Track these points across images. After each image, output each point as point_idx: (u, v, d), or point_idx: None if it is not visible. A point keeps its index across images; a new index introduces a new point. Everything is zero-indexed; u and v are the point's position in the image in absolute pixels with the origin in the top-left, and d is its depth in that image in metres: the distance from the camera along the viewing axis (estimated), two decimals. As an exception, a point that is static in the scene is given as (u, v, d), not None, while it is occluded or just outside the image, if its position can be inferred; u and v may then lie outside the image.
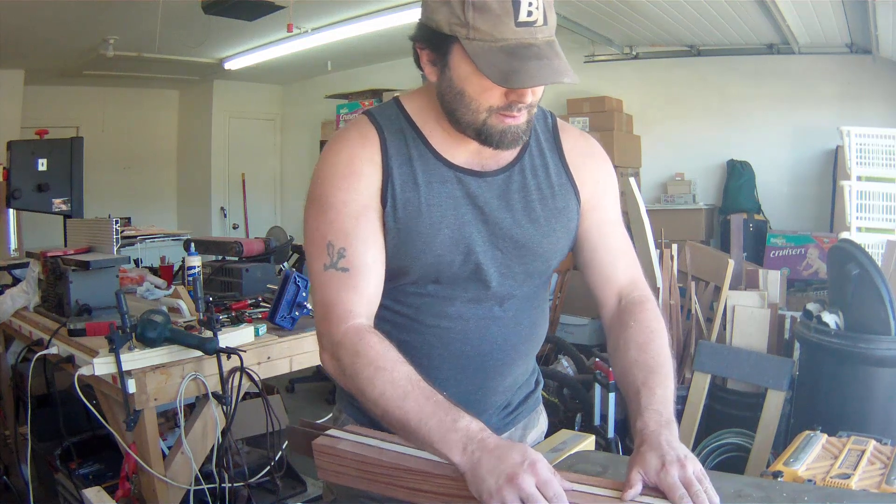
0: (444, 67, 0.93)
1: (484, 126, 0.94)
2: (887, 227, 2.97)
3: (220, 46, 5.47)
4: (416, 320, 1.03)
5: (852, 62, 4.37)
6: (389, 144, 1.00)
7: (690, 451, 0.85)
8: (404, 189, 0.98)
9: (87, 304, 2.06)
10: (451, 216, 0.99)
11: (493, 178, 1.03)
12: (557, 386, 3.33)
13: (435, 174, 1.00)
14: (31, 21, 4.34)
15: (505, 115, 0.93)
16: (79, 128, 6.16)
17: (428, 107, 1.02)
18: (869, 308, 2.27)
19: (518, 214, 1.03)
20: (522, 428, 1.18)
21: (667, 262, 3.11)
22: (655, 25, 4.40)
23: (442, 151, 1.01)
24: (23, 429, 2.49)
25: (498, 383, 1.08)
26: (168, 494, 1.77)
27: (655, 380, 0.93)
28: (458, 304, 1.02)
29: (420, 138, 1.01)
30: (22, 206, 3.51)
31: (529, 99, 0.92)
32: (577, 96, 5.03)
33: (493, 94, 0.91)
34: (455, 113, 0.95)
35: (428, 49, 0.95)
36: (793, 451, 1.67)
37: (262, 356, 1.92)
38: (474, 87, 0.91)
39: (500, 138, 0.95)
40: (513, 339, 1.06)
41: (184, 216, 7.43)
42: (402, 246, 0.98)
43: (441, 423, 0.83)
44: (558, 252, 1.07)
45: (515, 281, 1.04)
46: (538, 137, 1.08)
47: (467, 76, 0.91)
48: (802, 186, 4.60)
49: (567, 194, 1.07)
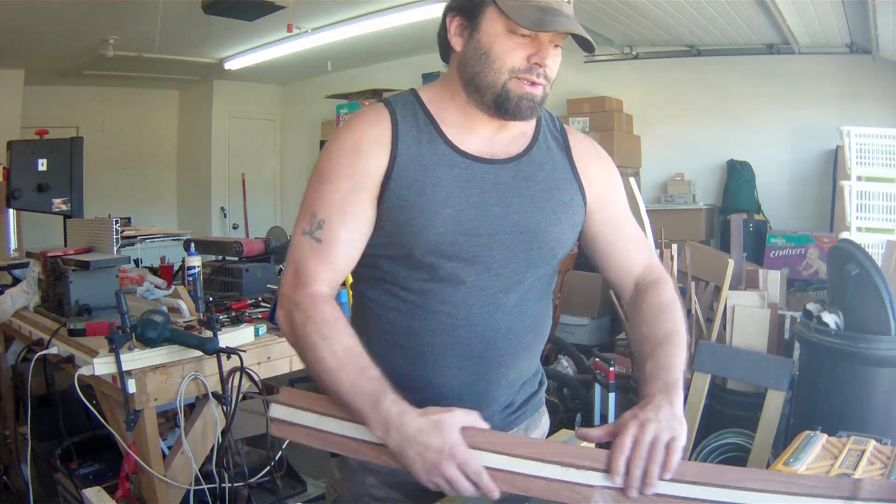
0: (473, 31, 1.00)
1: (504, 89, 0.99)
2: (887, 227, 2.97)
3: (220, 46, 5.47)
4: (422, 307, 1.04)
5: (852, 62, 4.37)
6: (401, 127, 1.03)
7: (690, 451, 0.86)
8: (410, 169, 1.01)
9: (87, 304, 2.06)
10: (457, 198, 1.01)
11: (502, 165, 1.05)
12: (557, 386, 3.33)
13: (444, 158, 1.03)
14: (31, 21, 4.34)
15: (524, 79, 0.98)
16: (79, 128, 6.16)
17: (443, 96, 1.07)
18: (869, 308, 2.27)
19: (525, 202, 1.05)
20: (525, 429, 1.17)
21: (667, 262, 3.11)
22: (655, 25, 4.40)
23: (453, 138, 1.05)
24: (23, 429, 2.49)
25: (501, 375, 1.08)
26: (168, 494, 1.77)
27: (662, 351, 1.00)
28: (463, 291, 1.03)
29: (432, 124, 1.05)
30: (22, 206, 3.51)
31: (549, 62, 0.99)
32: (577, 96, 5.03)
33: (518, 55, 0.98)
34: (477, 77, 1.00)
35: (460, 16, 1.02)
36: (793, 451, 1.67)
37: (262, 356, 1.92)
38: (501, 47, 0.98)
39: (518, 104, 1.00)
40: (517, 328, 1.07)
41: (184, 216, 7.44)
42: (405, 222, 1.01)
43: (367, 401, 0.90)
44: (563, 243, 1.09)
45: (520, 268, 1.05)
46: (546, 134, 1.12)
47: (497, 35, 0.98)
48: (802, 186, 4.60)
49: (573, 190, 1.10)
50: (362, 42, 5.14)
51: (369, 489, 1.08)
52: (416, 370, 1.05)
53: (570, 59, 0.93)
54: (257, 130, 7.50)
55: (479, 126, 1.06)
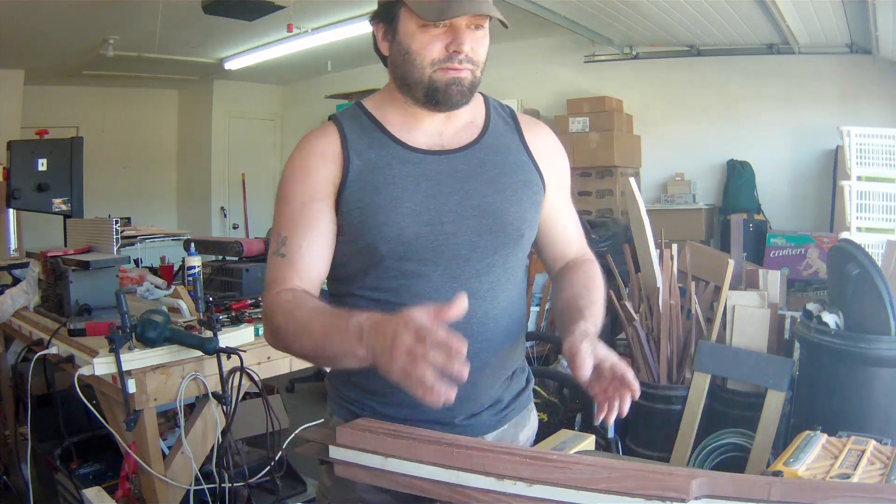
0: (394, 35, 1.04)
1: (430, 82, 1.02)
2: (887, 227, 2.97)
3: (220, 46, 5.47)
4: (396, 303, 1.03)
5: (852, 62, 4.38)
6: (349, 135, 1.07)
7: (690, 451, 0.87)
8: (364, 172, 1.05)
9: (87, 304, 2.05)
10: (413, 191, 1.04)
11: (454, 155, 1.09)
12: (557, 386, 3.33)
13: (395, 157, 1.06)
14: (31, 21, 4.34)
15: (447, 67, 1.01)
16: (79, 128, 6.16)
17: (385, 101, 1.11)
18: (869, 308, 2.27)
19: (483, 186, 1.08)
20: (514, 426, 1.17)
21: (667, 262, 3.10)
22: (655, 25, 4.40)
23: (400, 136, 1.08)
24: (23, 429, 2.49)
25: (485, 363, 1.08)
26: (168, 494, 1.77)
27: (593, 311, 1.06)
28: (434, 281, 1.04)
29: (378, 127, 1.09)
30: (22, 206, 3.51)
31: (466, 48, 1.00)
32: (577, 96, 5.03)
33: (435, 47, 1.00)
34: (406, 77, 1.04)
35: (382, 22, 1.06)
36: (793, 451, 1.67)
37: (262, 356, 1.92)
38: (418, 42, 1.01)
39: (447, 91, 1.02)
40: (492, 312, 1.08)
41: (184, 216, 7.43)
42: (366, 222, 1.04)
43: (339, 329, 0.89)
44: (528, 222, 1.12)
45: (487, 252, 1.07)
46: (496, 121, 1.15)
47: (412, 33, 1.01)
48: (802, 186, 4.60)
49: (531, 171, 1.13)
50: (362, 42, 5.12)
51: (361, 494, 1.07)
52: None
53: (569, 59, 0.93)
54: (257, 130, 7.50)
55: (424, 122, 1.09)
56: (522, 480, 0.85)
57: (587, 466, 0.83)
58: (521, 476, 0.85)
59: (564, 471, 0.83)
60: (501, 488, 0.86)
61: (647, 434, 3.00)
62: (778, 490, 0.76)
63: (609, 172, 4.85)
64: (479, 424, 1.10)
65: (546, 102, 5.34)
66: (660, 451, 2.83)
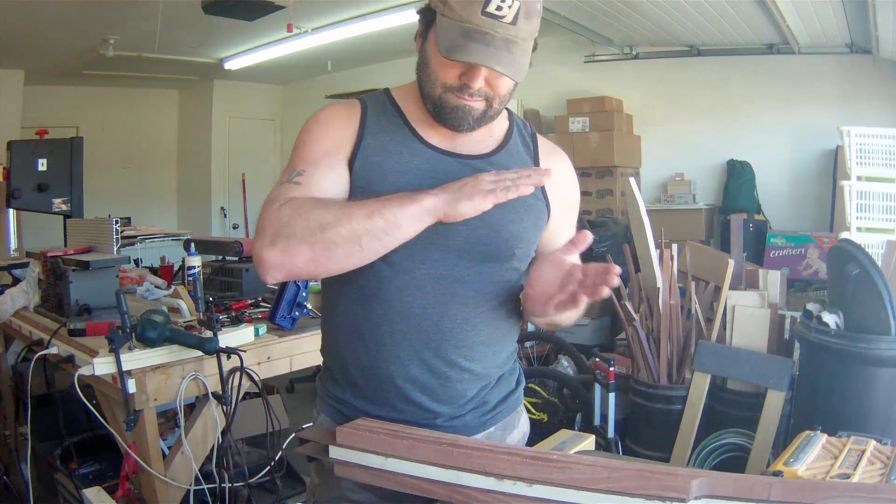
0: (424, 41, 1.04)
1: (440, 100, 1.02)
2: (887, 227, 2.97)
3: (220, 46, 5.47)
4: (378, 295, 1.04)
5: (852, 62, 4.38)
6: (369, 116, 1.08)
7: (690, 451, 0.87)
8: (373, 153, 1.05)
9: (87, 304, 2.06)
10: (415, 185, 1.02)
11: (465, 161, 1.08)
12: (557, 386, 3.33)
13: (408, 147, 1.06)
14: (31, 21, 4.34)
15: (459, 95, 1.00)
16: (79, 128, 6.17)
17: (411, 93, 1.10)
18: (869, 308, 2.27)
19: None
20: (502, 429, 1.15)
21: (667, 262, 3.11)
22: (655, 25, 4.40)
23: (419, 130, 1.08)
24: (23, 429, 2.49)
25: (464, 368, 1.07)
26: (168, 494, 1.77)
27: None
28: (418, 279, 1.04)
29: (400, 116, 1.09)
30: (22, 206, 3.51)
31: (477, 85, 0.99)
32: (577, 96, 5.02)
33: (449, 71, 0.99)
34: (422, 86, 1.04)
35: (421, 21, 1.05)
36: (793, 450, 1.67)
37: (262, 356, 1.92)
38: (437, 61, 1.00)
39: (451, 115, 1.02)
40: (474, 319, 1.07)
41: (184, 216, 7.44)
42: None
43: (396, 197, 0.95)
44: (523, 242, 1.09)
45: (476, 261, 1.05)
46: (515, 141, 1.14)
47: (435, 51, 0.99)
48: (802, 186, 4.60)
49: (536, 197, 1.10)
50: (362, 42, 5.14)
51: (346, 493, 1.08)
52: (378, 363, 1.05)
53: (570, 59, 0.93)
54: (257, 130, 7.50)
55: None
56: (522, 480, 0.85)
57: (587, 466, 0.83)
58: (521, 476, 0.85)
59: (564, 471, 0.84)
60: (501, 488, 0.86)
61: (647, 434, 3.01)
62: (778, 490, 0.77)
63: (609, 172, 4.85)
64: (462, 426, 1.09)
65: (546, 102, 5.34)
66: (660, 451, 2.83)
